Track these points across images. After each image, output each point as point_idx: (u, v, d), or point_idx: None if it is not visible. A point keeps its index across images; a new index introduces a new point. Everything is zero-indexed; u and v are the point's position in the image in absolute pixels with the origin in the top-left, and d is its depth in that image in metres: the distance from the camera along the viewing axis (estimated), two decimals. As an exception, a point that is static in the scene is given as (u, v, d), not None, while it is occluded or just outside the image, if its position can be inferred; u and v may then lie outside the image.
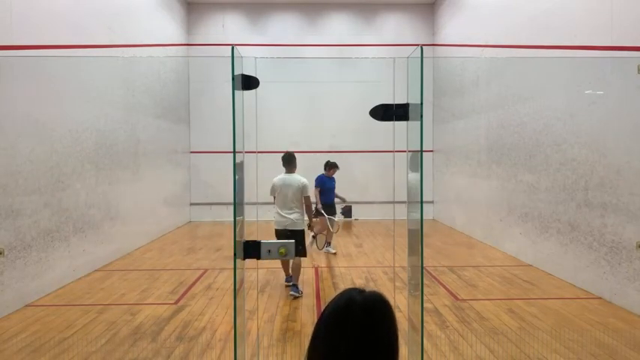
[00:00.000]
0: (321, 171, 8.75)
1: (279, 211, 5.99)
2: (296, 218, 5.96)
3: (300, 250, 5.92)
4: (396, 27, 13.59)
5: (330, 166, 8.68)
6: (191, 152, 13.32)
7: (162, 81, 11.06)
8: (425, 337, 4.41)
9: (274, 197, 6.10)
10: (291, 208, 5.96)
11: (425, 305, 5.40)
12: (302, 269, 6.25)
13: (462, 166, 11.08)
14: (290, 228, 5.92)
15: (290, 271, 6.20)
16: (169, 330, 4.82)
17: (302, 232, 6.05)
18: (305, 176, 6.17)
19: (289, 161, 6.13)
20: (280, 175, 6.10)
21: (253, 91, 2.48)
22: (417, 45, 2.40)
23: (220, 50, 12.66)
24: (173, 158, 11.99)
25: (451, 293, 6.12)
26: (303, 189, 6.00)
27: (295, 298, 5.87)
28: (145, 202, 9.64)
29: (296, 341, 4.54)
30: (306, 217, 6.17)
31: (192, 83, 13.18)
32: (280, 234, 5.96)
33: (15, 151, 5.52)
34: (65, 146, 6.61)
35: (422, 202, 2.47)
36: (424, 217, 2.52)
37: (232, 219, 2.45)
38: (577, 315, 5.23)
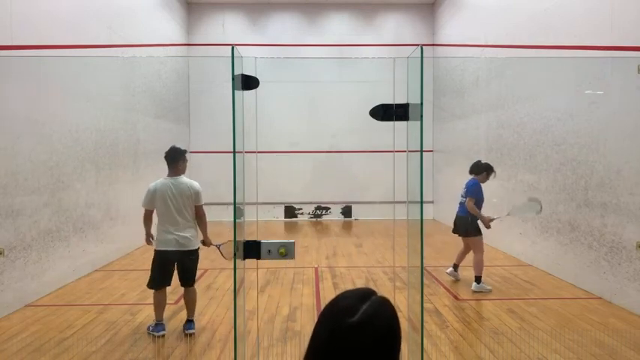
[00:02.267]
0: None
1: (164, 227, 4.68)
2: (191, 235, 4.73)
3: (193, 278, 4.82)
4: (395, 27, 13.59)
5: (488, 170, 6.51)
6: (191, 152, 13.30)
7: (163, 81, 11.06)
8: (425, 337, 4.41)
9: (149, 209, 4.83)
10: (182, 223, 4.68)
11: (425, 305, 5.40)
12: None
13: (462, 166, 11.05)
14: (183, 248, 4.65)
15: (186, 306, 4.90)
16: (169, 330, 4.82)
17: (197, 252, 4.81)
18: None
19: (175, 159, 4.73)
20: (160, 180, 4.76)
21: (253, 91, 2.48)
22: (417, 45, 2.40)
23: (220, 50, 12.66)
24: (173, 158, 11.97)
25: (451, 293, 6.12)
26: (196, 197, 4.79)
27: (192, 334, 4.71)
28: (145, 202, 9.63)
29: (296, 341, 4.54)
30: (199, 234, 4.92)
31: (192, 83, 13.19)
32: (167, 257, 4.66)
33: (15, 151, 5.52)
34: (65, 146, 6.61)
35: (422, 202, 2.47)
36: (424, 217, 2.52)
37: (232, 219, 2.45)
38: (577, 315, 5.23)
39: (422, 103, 2.37)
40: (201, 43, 13.25)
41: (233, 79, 2.35)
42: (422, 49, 2.35)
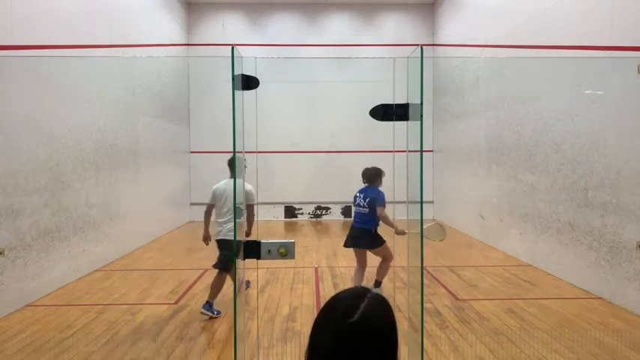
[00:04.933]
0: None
1: (226, 218, 5.40)
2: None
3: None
4: (396, 27, 13.59)
5: (381, 176, 6.33)
6: (191, 152, 13.32)
7: (162, 81, 11.05)
8: (425, 337, 4.41)
9: (212, 205, 5.51)
10: (231, 217, 5.38)
11: (425, 305, 5.40)
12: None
13: (462, 166, 11.07)
14: (231, 238, 5.28)
15: (213, 289, 5.32)
16: (169, 330, 4.82)
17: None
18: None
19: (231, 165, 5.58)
20: (224, 181, 5.55)
21: (253, 91, 2.48)
22: (417, 45, 2.40)
23: (220, 50, 12.66)
24: (173, 158, 11.99)
25: (451, 293, 6.12)
26: (246, 197, 5.35)
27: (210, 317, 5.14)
28: (145, 202, 9.64)
29: (296, 341, 4.54)
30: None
31: (192, 83, 13.18)
32: (229, 244, 5.31)
33: (15, 151, 5.52)
34: (65, 146, 6.61)
35: (422, 202, 2.47)
36: (424, 217, 2.51)
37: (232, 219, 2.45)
38: (577, 315, 5.23)
39: (422, 103, 2.37)
40: (201, 43, 13.25)
41: (233, 79, 2.35)
42: (422, 49, 2.35)
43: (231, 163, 5.49)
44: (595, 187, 5.95)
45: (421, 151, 2.42)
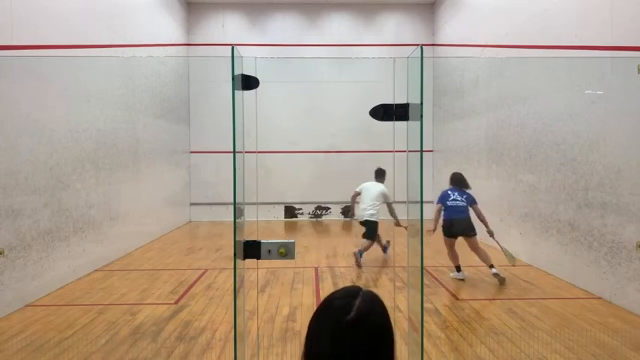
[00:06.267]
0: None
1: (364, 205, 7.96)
2: (371, 214, 7.85)
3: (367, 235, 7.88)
4: (396, 27, 13.60)
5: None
6: (191, 152, 13.32)
7: (162, 81, 11.06)
8: (425, 337, 4.41)
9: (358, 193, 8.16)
10: (370, 207, 7.87)
11: (425, 305, 5.40)
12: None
13: (462, 166, 11.06)
14: (369, 218, 7.86)
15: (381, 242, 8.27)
16: (169, 330, 4.82)
17: (373, 222, 7.85)
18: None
19: (377, 175, 8.16)
20: (370, 182, 8.14)
21: (253, 91, 2.48)
22: (417, 45, 2.40)
23: (220, 50, 12.67)
24: (173, 158, 11.98)
25: (451, 293, 6.12)
26: (384, 196, 7.85)
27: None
28: (144, 202, 9.64)
29: (296, 341, 4.54)
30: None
31: (192, 83, 13.19)
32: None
33: (15, 151, 5.52)
34: (65, 146, 6.61)
35: (422, 202, 2.47)
36: (424, 217, 2.52)
37: (232, 219, 2.45)
38: (577, 315, 5.23)
39: (422, 103, 2.37)
40: (201, 43, 13.25)
41: (233, 79, 2.35)
42: (422, 49, 2.35)
43: (378, 173, 8.07)
44: (595, 187, 5.95)
45: (421, 151, 2.42)
